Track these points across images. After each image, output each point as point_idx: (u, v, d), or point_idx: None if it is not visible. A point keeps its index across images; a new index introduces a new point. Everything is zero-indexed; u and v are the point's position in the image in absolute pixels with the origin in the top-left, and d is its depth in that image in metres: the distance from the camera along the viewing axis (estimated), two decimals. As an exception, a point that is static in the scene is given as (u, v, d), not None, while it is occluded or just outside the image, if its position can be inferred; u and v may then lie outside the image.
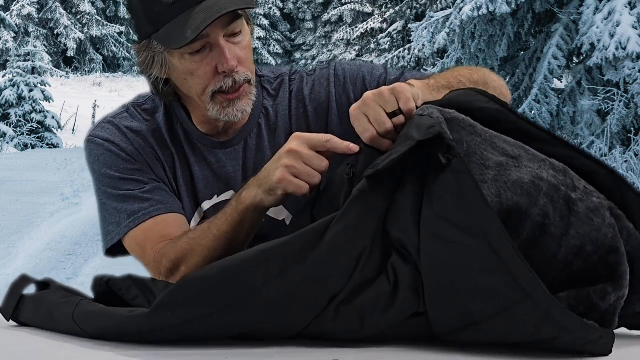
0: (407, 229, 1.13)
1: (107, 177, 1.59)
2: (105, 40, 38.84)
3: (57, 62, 38.13)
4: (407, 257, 1.13)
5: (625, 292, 1.14)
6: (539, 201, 1.12)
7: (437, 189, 1.11)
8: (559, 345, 1.07)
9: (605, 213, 1.15)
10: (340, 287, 1.11)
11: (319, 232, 1.13)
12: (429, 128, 1.13)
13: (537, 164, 1.17)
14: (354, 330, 1.12)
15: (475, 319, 1.07)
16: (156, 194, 1.57)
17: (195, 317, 1.09)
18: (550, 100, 12.82)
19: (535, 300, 1.04)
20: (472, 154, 1.15)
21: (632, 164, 11.66)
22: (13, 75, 23.91)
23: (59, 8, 37.75)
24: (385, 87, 1.30)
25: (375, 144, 1.26)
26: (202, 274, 1.12)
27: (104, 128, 1.63)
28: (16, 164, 15.31)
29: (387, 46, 28.88)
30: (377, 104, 1.27)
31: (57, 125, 23.97)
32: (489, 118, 1.23)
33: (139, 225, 1.55)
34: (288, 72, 1.72)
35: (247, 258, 1.12)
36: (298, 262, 1.10)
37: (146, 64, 1.57)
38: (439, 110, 1.19)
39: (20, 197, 12.53)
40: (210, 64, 1.52)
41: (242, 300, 1.09)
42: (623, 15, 11.61)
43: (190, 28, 1.46)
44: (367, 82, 1.65)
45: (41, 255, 9.71)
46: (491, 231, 1.05)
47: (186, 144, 1.64)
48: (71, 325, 1.17)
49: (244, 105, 1.56)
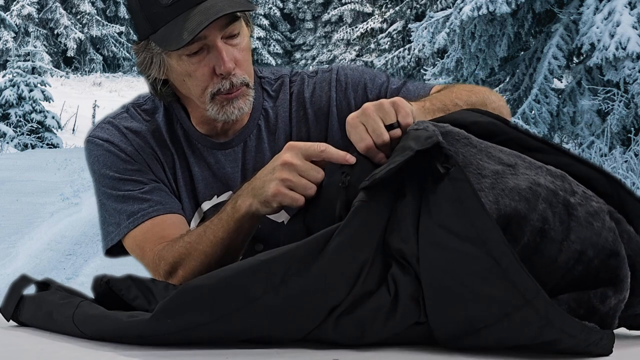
0: (408, 239, 1.12)
1: (107, 177, 1.59)
2: (105, 40, 38.86)
3: (57, 62, 38.14)
4: (407, 268, 1.12)
5: (625, 295, 1.14)
6: (537, 206, 1.12)
7: (435, 198, 1.10)
8: (560, 348, 1.07)
9: (605, 217, 1.15)
10: (341, 298, 1.11)
11: (321, 243, 1.12)
12: (426, 139, 1.13)
13: (534, 170, 1.17)
14: (354, 340, 1.12)
15: (475, 326, 1.07)
16: (155, 194, 1.57)
17: (195, 325, 1.09)
18: (550, 100, 12.82)
19: (536, 306, 1.03)
20: (468, 164, 1.15)
21: (632, 164, 11.66)
22: (13, 75, 23.93)
23: (59, 8, 37.76)
24: (385, 100, 1.29)
25: (369, 154, 1.25)
26: (202, 282, 1.11)
27: (103, 128, 1.63)
28: (16, 164, 15.31)
29: (387, 46, 28.89)
30: (377, 115, 1.26)
31: (57, 125, 23.98)
32: (483, 131, 1.23)
33: (138, 226, 1.55)
34: (288, 74, 1.71)
35: (247, 267, 1.11)
36: (299, 273, 1.09)
37: (145, 65, 1.57)
38: (433, 124, 1.19)
39: (20, 197, 12.53)
40: (207, 65, 1.51)
41: (241, 309, 1.08)
42: (623, 15, 11.61)
43: (187, 30, 1.45)
44: (368, 90, 1.64)
45: (41, 255, 9.71)
46: (490, 238, 1.05)
47: (186, 144, 1.64)
48: (71, 327, 1.17)
49: (242, 104, 1.56)
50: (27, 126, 22.82)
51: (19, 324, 1.29)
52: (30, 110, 23.06)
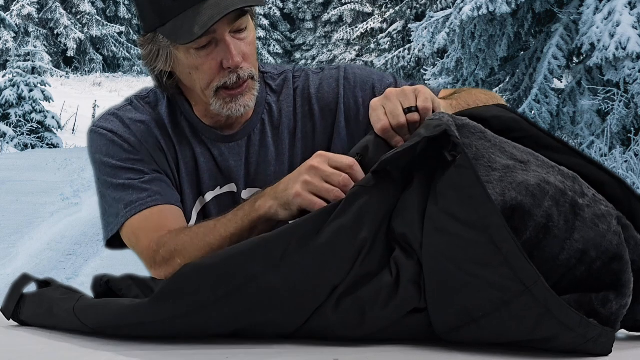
0: (412, 223, 1.14)
1: (108, 165, 1.59)
2: (105, 40, 38.86)
3: (57, 62, 38.15)
4: (411, 253, 1.14)
5: (627, 301, 1.13)
6: (543, 203, 1.13)
7: (442, 185, 1.13)
8: (559, 344, 1.07)
9: (612, 221, 1.15)
10: (340, 277, 1.12)
11: (319, 223, 1.14)
12: (435, 127, 1.17)
13: (546, 169, 1.18)
14: (354, 324, 1.12)
15: (474, 315, 1.07)
16: (155, 184, 1.57)
17: (197, 306, 1.10)
18: (550, 100, 12.82)
19: (535, 294, 1.04)
20: (480, 157, 1.18)
21: (632, 164, 11.66)
22: (13, 75, 23.91)
23: (59, 8, 37.77)
24: (408, 87, 1.36)
25: (386, 135, 1.30)
26: (202, 263, 1.12)
27: (107, 119, 1.64)
28: (16, 164, 15.31)
29: (387, 46, 28.88)
30: (397, 99, 1.33)
31: (57, 125, 23.96)
32: (502, 125, 1.27)
33: (136, 215, 1.54)
34: (291, 70, 1.73)
35: (247, 246, 1.13)
36: (297, 251, 1.12)
37: (150, 57, 1.58)
38: (450, 116, 1.23)
39: (20, 197, 12.53)
40: (215, 59, 1.53)
41: (242, 287, 1.10)
42: (623, 15, 11.61)
43: (198, 24, 1.46)
44: (376, 90, 1.65)
45: (41, 255, 9.71)
46: (492, 224, 1.06)
47: (191, 134, 1.65)
48: (71, 320, 1.18)
49: (247, 100, 1.57)
50: (27, 126, 22.81)
51: (20, 323, 1.29)
52: (30, 110, 23.05)
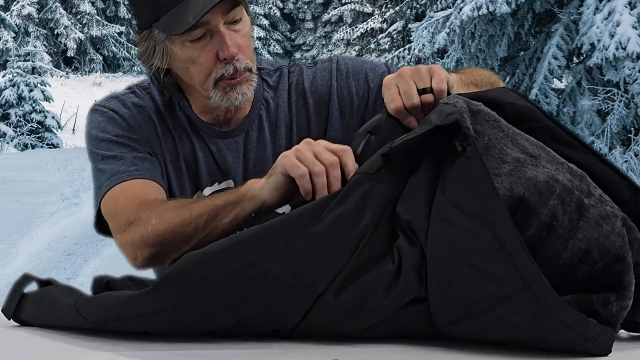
0: (417, 211, 1.14)
1: (102, 140, 1.59)
2: (105, 40, 38.85)
3: (57, 62, 38.14)
4: (414, 240, 1.14)
5: (628, 303, 1.13)
6: (549, 202, 1.13)
7: (450, 175, 1.12)
8: (558, 342, 1.06)
9: (617, 222, 1.15)
10: (342, 263, 1.12)
11: (320, 210, 1.15)
12: (447, 115, 1.15)
13: (555, 166, 1.18)
14: (355, 311, 1.12)
15: (474, 309, 1.07)
16: (146, 163, 1.58)
17: (199, 292, 1.10)
18: (550, 100, 12.82)
19: (535, 291, 1.04)
20: (491, 147, 1.17)
21: (632, 164, 11.67)
22: (13, 75, 23.90)
23: (59, 8, 37.76)
24: (423, 66, 1.34)
25: (399, 115, 1.30)
26: (204, 250, 1.13)
27: (109, 100, 1.65)
28: (16, 164, 15.31)
29: (387, 46, 28.90)
30: (411, 78, 1.31)
31: (57, 125, 23.96)
32: (517, 114, 1.25)
33: (119, 184, 1.53)
34: (287, 65, 1.74)
35: (249, 234, 1.14)
36: (299, 236, 1.12)
37: (147, 54, 1.59)
38: (465, 101, 1.21)
39: (20, 197, 12.53)
40: (211, 50, 1.53)
41: (244, 272, 1.10)
42: (623, 15, 11.61)
43: (192, 14, 1.48)
44: (369, 79, 1.66)
45: (41, 255, 9.72)
46: (497, 219, 1.06)
47: (190, 129, 1.65)
48: (73, 315, 1.18)
49: (245, 89, 1.57)
50: (27, 126, 22.81)
51: (20, 322, 1.29)
52: (30, 110, 23.04)
